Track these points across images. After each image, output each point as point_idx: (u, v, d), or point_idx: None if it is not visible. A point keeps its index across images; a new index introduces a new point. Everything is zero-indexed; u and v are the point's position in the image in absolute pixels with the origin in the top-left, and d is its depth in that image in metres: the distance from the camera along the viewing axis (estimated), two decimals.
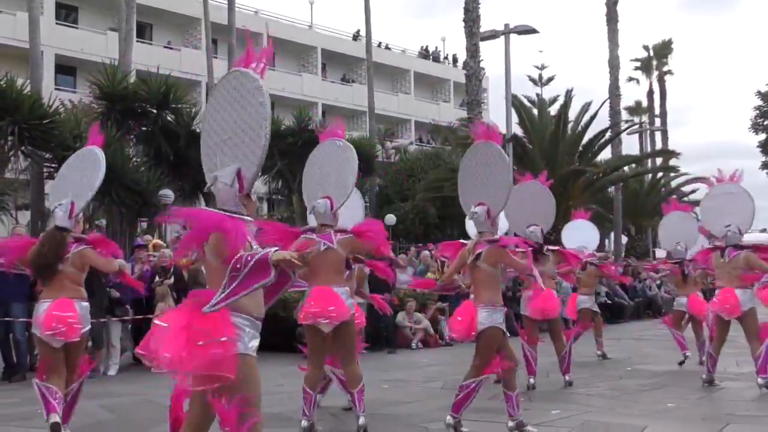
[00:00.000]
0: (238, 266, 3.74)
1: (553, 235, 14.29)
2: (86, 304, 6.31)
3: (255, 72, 4.14)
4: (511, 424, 6.33)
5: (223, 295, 3.76)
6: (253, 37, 4.45)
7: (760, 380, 8.33)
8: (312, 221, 7.16)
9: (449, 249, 7.40)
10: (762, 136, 33.40)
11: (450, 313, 12.52)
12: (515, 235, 9.18)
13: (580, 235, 11.88)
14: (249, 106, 4.08)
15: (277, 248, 3.93)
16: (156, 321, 4.00)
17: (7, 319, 9.93)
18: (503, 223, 8.84)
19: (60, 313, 6.02)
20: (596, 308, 12.18)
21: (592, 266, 11.63)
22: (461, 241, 7.38)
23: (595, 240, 12.45)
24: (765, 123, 33.25)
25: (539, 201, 9.44)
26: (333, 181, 6.90)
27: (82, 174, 6.51)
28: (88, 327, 6.39)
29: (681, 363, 10.90)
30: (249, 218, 4.14)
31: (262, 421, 3.96)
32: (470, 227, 9.53)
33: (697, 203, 21.93)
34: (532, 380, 9.07)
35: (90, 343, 10.73)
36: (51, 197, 7.01)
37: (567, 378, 9.47)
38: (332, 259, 6.53)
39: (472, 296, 6.75)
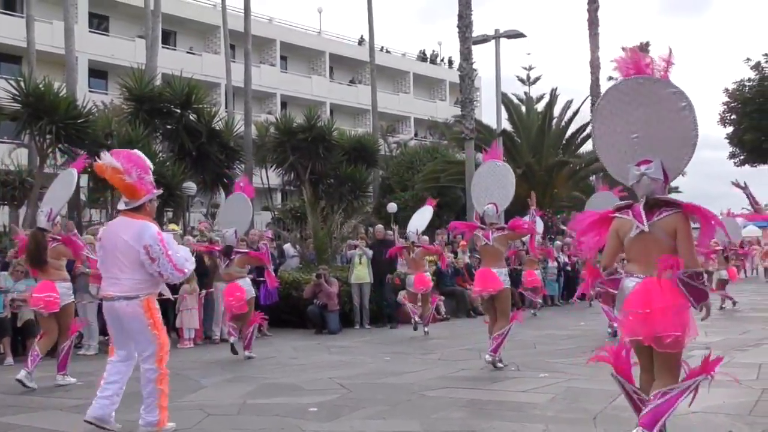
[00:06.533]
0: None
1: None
2: (66, 284, 7.58)
3: (658, 77, 4.25)
4: None
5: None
6: (266, 43, 4.39)
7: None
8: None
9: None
10: (730, 129, 33.23)
11: None
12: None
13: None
14: (663, 109, 4.23)
15: None
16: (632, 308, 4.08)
17: None
18: None
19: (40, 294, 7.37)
20: None
21: None
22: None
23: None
24: (732, 117, 33.07)
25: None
26: (495, 191, 8.43)
27: (61, 188, 7.85)
28: (70, 300, 7.62)
29: None
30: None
31: None
32: None
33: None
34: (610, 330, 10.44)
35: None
36: (42, 204, 8.13)
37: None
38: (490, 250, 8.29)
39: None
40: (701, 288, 3.98)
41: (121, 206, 5.22)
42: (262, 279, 12.01)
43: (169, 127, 18.56)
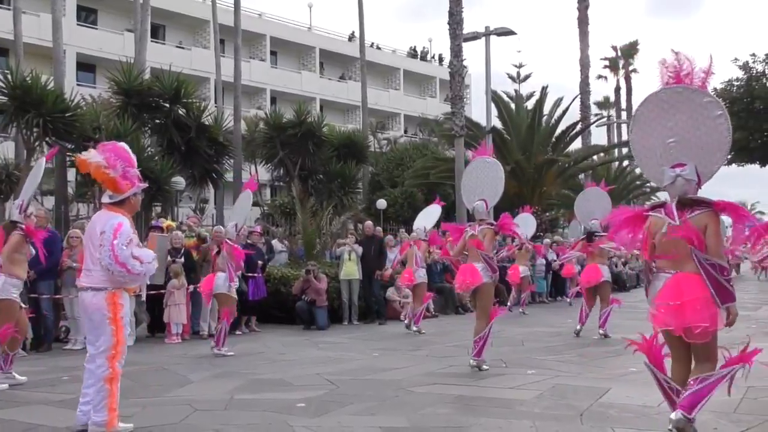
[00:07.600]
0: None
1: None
2: (9, 279, 7.12)
3: (696, 87, 4.54)
4: None
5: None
6: (256, 38, 4.38)
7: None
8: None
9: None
10: None
11: None
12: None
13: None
14: (700, 116, 4.52)
15: None
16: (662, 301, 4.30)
17: (33, 295, 9.87)
18: None
19: None
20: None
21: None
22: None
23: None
24: None
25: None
26: (485, 188, 8.49)
27: (31, 179, 7.65)
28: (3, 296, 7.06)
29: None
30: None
31: None
32: None
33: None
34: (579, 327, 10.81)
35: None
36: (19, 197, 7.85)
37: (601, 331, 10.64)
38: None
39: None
40: (728, 287, 4.19)
41: (105, 199, 5.18)
42: (250, 275, 12.02)
43: (157, 121, 18.47)
